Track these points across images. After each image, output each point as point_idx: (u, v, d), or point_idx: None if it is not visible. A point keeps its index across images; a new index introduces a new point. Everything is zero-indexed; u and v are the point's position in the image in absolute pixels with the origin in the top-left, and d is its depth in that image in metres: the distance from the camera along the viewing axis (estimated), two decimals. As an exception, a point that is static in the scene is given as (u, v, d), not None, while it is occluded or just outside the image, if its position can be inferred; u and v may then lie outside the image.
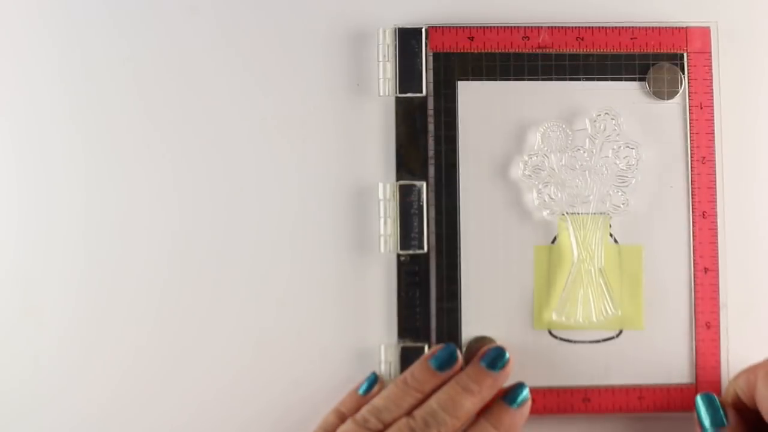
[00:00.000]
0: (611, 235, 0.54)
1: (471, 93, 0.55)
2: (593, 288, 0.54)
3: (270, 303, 0.55)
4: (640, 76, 0.55)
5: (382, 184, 0.54)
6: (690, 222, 0.54)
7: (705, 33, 0.55)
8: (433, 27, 0.55)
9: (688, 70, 0.55)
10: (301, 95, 0.55)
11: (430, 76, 0.55)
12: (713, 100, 0.54)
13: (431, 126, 0.54)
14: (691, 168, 0.54)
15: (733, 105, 0.55)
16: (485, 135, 0.55)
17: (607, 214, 0.54)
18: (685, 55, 0.55)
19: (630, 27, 0.55)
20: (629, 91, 0.55)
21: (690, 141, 0.54)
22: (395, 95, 0.54)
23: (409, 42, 0.54)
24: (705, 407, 0.51)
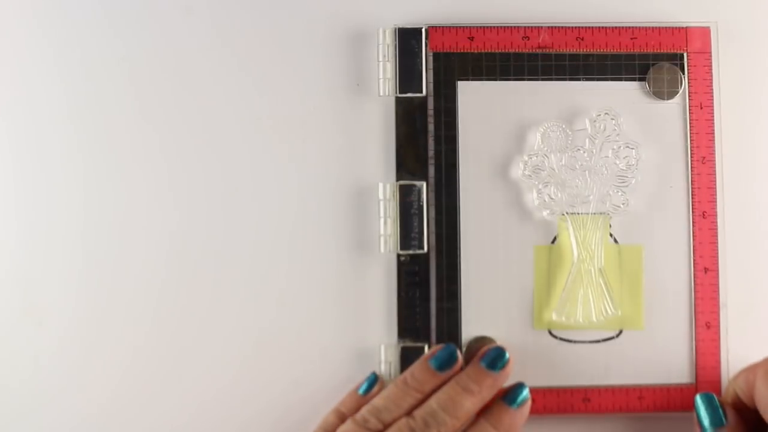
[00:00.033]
0: (611, 235, 0.54)
1: (471, 93, 0.55)
2: (593, 288, 0.54)
3: (269, 303, 0.55)
4: (640, 76, 0.55)
5: (382, 184, 0.54)
6: (690, 222, 0.54)
7: (705, 33, 0.55)
8: (433, 27, 0.55)
9: (688, 70, 0.55)
10: (301, 95, 0.55)
11: (430, 76, 0.54)
12: (713, 100, 0.54)
13: (431, 126, 0.54)
14: (691, 168, 0.54)
15: (733, 105, 0.55)
16: (485, 135, 0.55)
17: (607, 214, 0.54)
18: (685, 55, 0.55)
19: (630, 27, 0.55)
20: (629, 91, 0.55)
21: (690, 141, 0.54)
22: (395, 95, 0.54)
23: (409, 42, 0.54)
24: (704, 407, 0.51)
